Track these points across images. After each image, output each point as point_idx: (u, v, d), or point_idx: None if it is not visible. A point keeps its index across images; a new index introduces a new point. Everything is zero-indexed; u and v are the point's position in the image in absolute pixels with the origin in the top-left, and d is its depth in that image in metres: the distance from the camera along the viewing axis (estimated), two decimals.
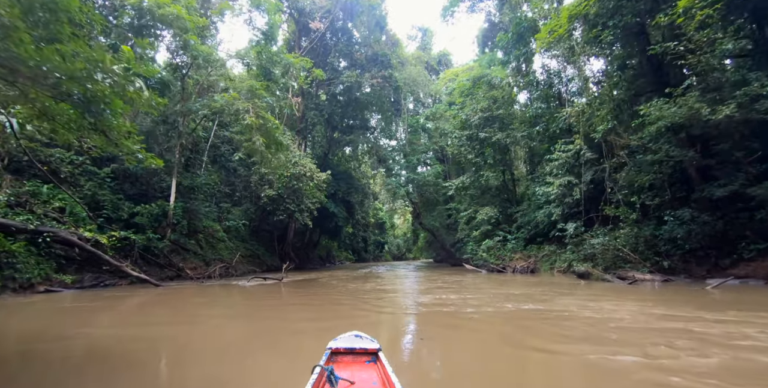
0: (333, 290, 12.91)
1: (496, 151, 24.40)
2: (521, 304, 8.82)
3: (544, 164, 22.41)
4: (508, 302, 9.19)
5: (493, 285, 13.97)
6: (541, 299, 9.61)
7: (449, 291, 12.19)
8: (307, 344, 5.50)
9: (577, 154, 16.18)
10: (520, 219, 22.93)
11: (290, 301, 10.67)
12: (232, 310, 9.54)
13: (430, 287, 13.90)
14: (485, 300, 9.72)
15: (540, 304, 8.75)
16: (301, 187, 24.51)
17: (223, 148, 26.86)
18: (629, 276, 11.85)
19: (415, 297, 11.05)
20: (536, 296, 10.42)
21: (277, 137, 16.63)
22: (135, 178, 18.58)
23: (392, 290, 13.72)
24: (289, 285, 15.16)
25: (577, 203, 16.06)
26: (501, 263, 19.82)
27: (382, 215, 74.79)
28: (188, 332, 6.72)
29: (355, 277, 21.15)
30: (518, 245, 21.02)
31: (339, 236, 40.23)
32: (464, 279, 16.93)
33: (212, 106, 16.51)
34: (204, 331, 6.85)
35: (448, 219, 35.02)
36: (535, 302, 9.16)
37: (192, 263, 18.30)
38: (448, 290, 12.71)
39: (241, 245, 26.10)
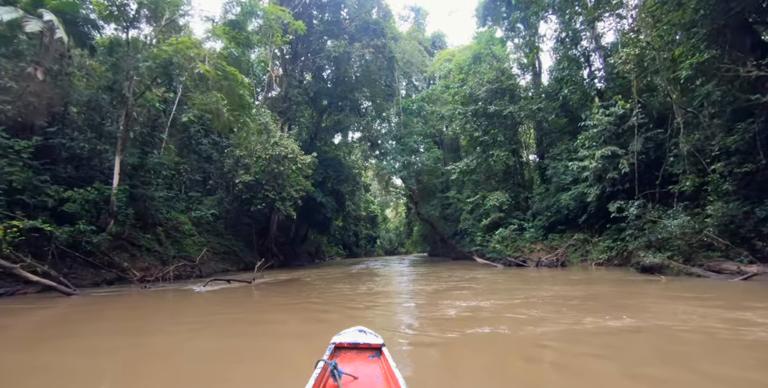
0: (315, 297, 9.64)
1: (506, 127, 21.26)
2: (603, 316, 5.66)
3: (562, 143, 19.37)
4: (575, 313, 6.03)
5: (525, 284, 10.83)
6: (623, 306, 6.46)
7: (471, 294, 9.03)
8: None
9: (622, 118, 13.04)
10: (536, 205, 19.88)
11: (242, 319, 7.16)
12: (126, 340, 6.21)
13: (443, 287, 10.72)
14: (536, 310, 6.55)
15: (633, 315, 5.59)
16: (283, 172, 21.10)
17: (192, 129, 23.25)
18: (726, 268, 8.80)
19: (428, 306, 7.84)
20: (609, 300, 7.28)
21: (243, 97, 13.17)
22: (71, 156, 15.01)
23: (393, 293, 10.50)
24: (261, 289, 11.83)
25: (623, 179, 12.98)
26: (520, 256, 16.74)
27: (374, 207, 71.52)
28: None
29: (346, 275, 17.89)
30: (537, 234, 17.96)
31: (328, 229, 36.88)
32: (480, 276, 13.80)
33: (156, 55, 12.93)
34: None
35: (447, 209, 31.90)
36: (618, 310, 6.00)
37: (144, 261, 14.83)
38: (467, 291, 9.54)
39: (214, 240, 22.62)
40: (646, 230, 11.04)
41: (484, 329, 5.32)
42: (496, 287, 10.37)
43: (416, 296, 9.32)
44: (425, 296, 9.11)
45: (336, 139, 40.35)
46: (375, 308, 7.71)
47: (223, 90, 12.48)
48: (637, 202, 11.60)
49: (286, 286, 12.78)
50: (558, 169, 17.94)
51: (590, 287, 9.14)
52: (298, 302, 8.89)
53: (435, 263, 26.04)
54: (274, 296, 10.21)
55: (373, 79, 31.92)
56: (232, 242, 24.56)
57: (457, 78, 30.05)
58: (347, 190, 34.22)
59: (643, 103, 12.79)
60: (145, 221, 16.95)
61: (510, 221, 19.66)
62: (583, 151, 14.26)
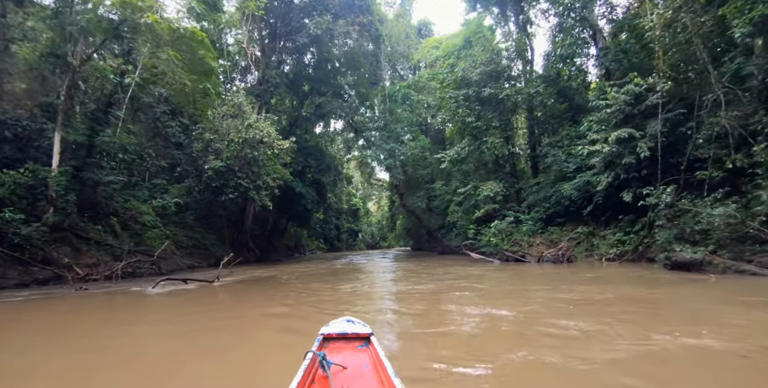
0: (286, 301, 7.92)
1: (501, 113, 19.84)
2: (670, 332, 4.19)
3: (563, 129, 18.09)
4: (629, 326, 4.57)
5: (537, 283, 9.41)
6: (686, 316, 5.04)
7: (477, 297, 7.55)
8: None
9: (637, 97, 11.68)
10: (533, 196, 18.58)
11: (169, 339, 5.19)
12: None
13: (441, 287, 9.20)
14: (574, 321, 5.06)
15: (714, 329, 4.15)
16: (258, 157, 19.11)
17: (158, 109, 20.91)
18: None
19: (433, 315, 6.29)
20: (659, 307, 5.88)
21: (205, 60, 11.20)
22: (14, 136, 12.74)
23: (384, 296, 8.91)
24: (223, 291, 10.02)
25: (639, 165, 11.67)
26: (518, 250, 15.39)
27: (356, 200, 69.69)
28: None
29: (326, 272, 16.22)
30: (535, 227, 16.67)
31: (308, 222, 34.95)
32: (479, 273, 12.37)
33: (98, 1, 10.76)
34: None
35: (434, 201, 30.47)
36: (684, 321, 4.56)
37: (92, 257, 12.75)
38: (471, 293, 8.05)
39: (181, 232, 20.53)
40: (676, 221, 9.73)
41: (522, 355, 3.77)
42: (505, 288, 8.91)
43: (413, 299, 7.75)
44: (424, 301, 7.55)
45: (317, 129, 38.35)
46: (364, 318, 6.10)
47: (181, 52, 10.48)
48: (668, 188, 10.26)
49: (255, 286, 11.01)
50: (558, 157, 16.64)
51: (619, 287, 7.76)
52: (262, 310, 7.17)
53: (422, 258, 24.61)
54: (233, 302, 8.44)
55: (357, 64, 30.00)
56: (203, 235, 22.48)
57: (446, 64, 28.47)
58: (329, 181, 32.33)
59: (673, 75, 11.41)
60: (97, 210, 14.82)
61: (505, 212, 18.32)
62: (592, 135, 12.92)
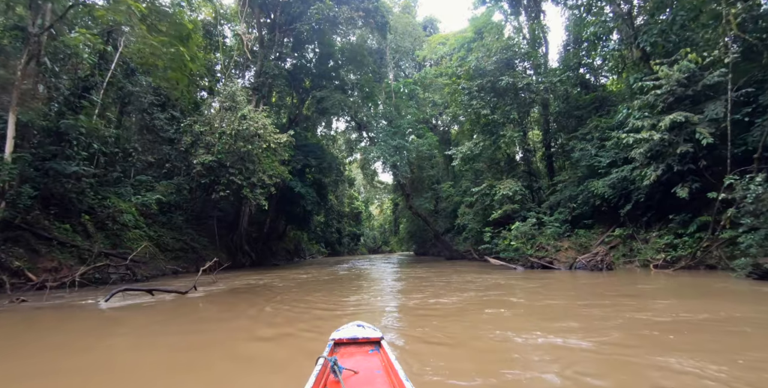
0: (272, 324, 6.07)
1: (519, 104, 18.10)
2: None
3: (591, 120, 16.28)
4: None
5: (590, 298, 7.54)
6: None
7: (524, 317, 5.78)
8: None
9: (690, 77, 9.85)
10: (555, 196, 16.76)
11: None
12: None
13: (468, 301, 7.36)
14: (700, 364, 3.23)
15: None
16: (252, 152, 17.34)
17: (145, 99, 19.22)
18: None
19: (474, 351, 4.46)
20: None
21: (178, 24, 9.46)
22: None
23: (398, 313, 7.07)
24: (197, 304, 8.16)
25: (697, 154, 9.83)
26: (545, 256, 13.54)
27: (357, 204, 67.83)
28: None
29: (328, 279, 14.38)
30: (561, 229, 14.83)
31: (308, 225, 33.10)
32: (504, 282, 10.52)
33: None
34: None
35: (442, 202, 28.65)
36: None
37: (53, 260, 10.95)
38: (512, 312, 6.24)
39: (168, 234, 18.72)
40: (762, 219, 7.84)
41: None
42: (548, 302, 7.05)
43: (436, 319, 5.91)
44: (452, 321, 5.71)
45: (319, 131, 36.67)
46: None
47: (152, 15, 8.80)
48: (757, 177, 8.38)
49: (241, 298, 9.15)
50: (587, 151, 14.84)
51: (711, 304, 5.91)
52: (240, 334, 5.33)
53: (430, 264, 22.74)
54: (204, 322, 6.55)
55: (361, 59, 28.37)
56: (193, 237, 20.67)
57: (455, 57, 26.86)
58: (330, 181, 30.53)
59: (746, 39, 9.55)
60: (66, 207, 13.05)
61: (525, 214, 16.50)
62: (636, 122, 11.14)
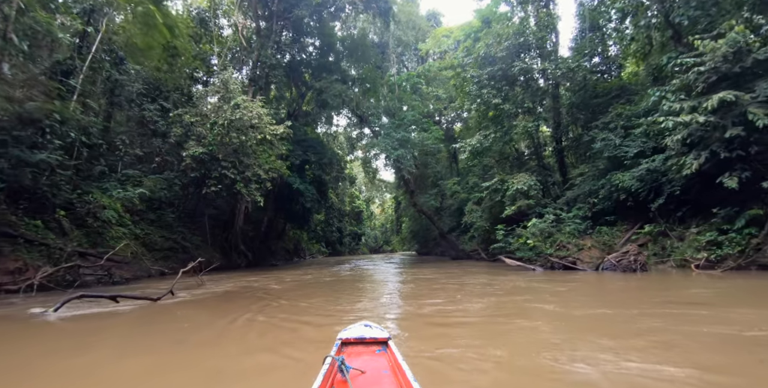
0: (258, 346, 4.85)
1: (533, 93, 16.88)
2: None
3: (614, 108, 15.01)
4: None
5: (642, 305, 6.27)
6: None
7: (577, 336, 4.59)
8: None
9: (736, 53, 8.60)
10: (572, 190, 15.53)
11: None
12: None
13: (493, 310, 6.15)
14: None
15: None
16: (245, 143, 16.13)
17: (133, 88, 18.00)
18: None
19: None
20: None
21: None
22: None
23: (414, 330, 5.85)
24: (170, 314, 6.89)
25: (746, 140, 8.56)
26: (568, 255, 12.29)
27: (359, 202, 66.59)
28: None
29: (329, 280, 13.16)
30: (581, 226, 13.60)
31: (308, 223, 31.85)
32: (525, 284, 9.30)
33: None
34: None
35: (448, 199, 27.40)
36: None
37: (18, 260, 9.74)
38: (556, 326, 5.04)
39: (156, 232, 17.50)
40: None
41: None
42: (595, 314, 5.80)
43: (466, 336, 4.68)
44: (489, 338, 4.48)
45: (320, 129, 35.47)
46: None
47: None
48: None
49: (224, 306, 7.90)
50: (611, 141, 13.59)
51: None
52: (213, 363, 4.09)
53: (435, 264, 21.52)
54: (170, 343, 5.28)
55: (362, 50, 27.19)
56: (184, 236, 19.43)
57: (462, 47, 25.65)
58: (330, 178, 29.29)
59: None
60: (40, 202, 11.85)
61: (541, 210, 15.27)
62: (673, 105, 9.90)
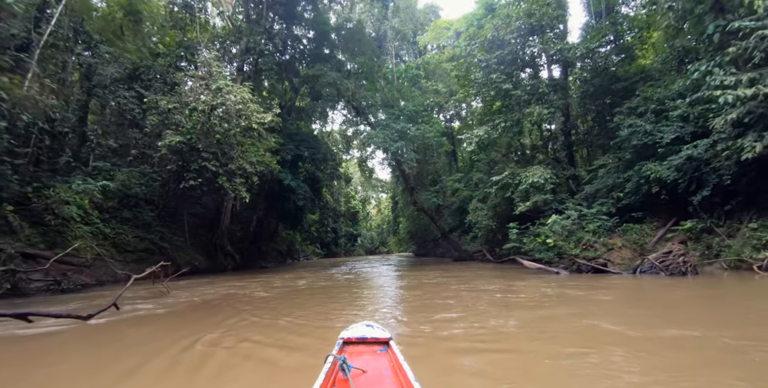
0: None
1: (549, 76, 15.33)
2: None
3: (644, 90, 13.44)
4: None
5: (741, 322, 4.67)
6: None
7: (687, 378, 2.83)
8: None
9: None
10: (593, 184, 13.97)
11: None
12: None
13: (530, 330, 4.55)
14: None
15: None
16: (229, 132, 14.43)
17: (106, 71, 16.24)
18: None
19: None
20: None
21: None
22: None
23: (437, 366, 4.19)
24: (96, 343, 5.16)
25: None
26: (597, 256, 10.69)
27: (354, 203, 64.79)
28: None
29: (323, 286, 11.47)
30: (608, 223, 12.02)
31: (301, 223, 30.10)
32: (553, 290, 7.70)
33: None
34: None
35: (448, 198, 25.80)
36: None
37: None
38: (640, 357, 3.38)
39: (130, 231, 15.71)
40: None
41: None
42: (690, 339, 4.19)
43: (515, 382, 3.05)
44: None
45: (314, 127, 33.82)
46: None
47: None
48: None
49: (181, 322, 6.18)
50: (640, 127, 12.04)
51: None
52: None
53: (437, 266, 19.89)
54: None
55: (359, 39, 25.61)
56: (163, 236, 17.65)
57: (464, 36, 24.13)
58: (325, 174, 27.58)
59: None
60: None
61: (557, 206, 13.71)
62: (725, 79, 8.39)
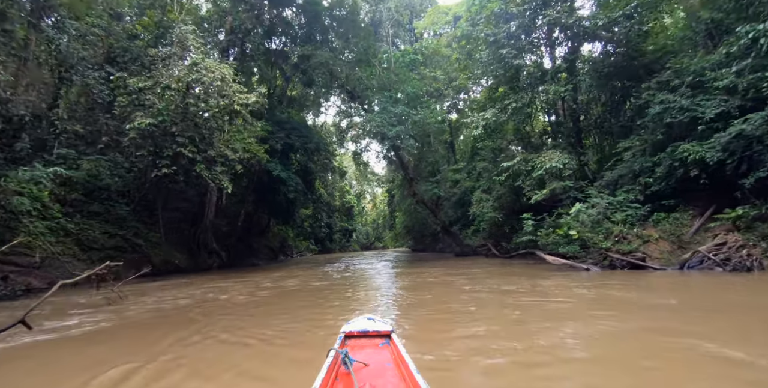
0: None
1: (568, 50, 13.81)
2: None
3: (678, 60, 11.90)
4: None
5: None
6: None
7: None
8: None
9: None
10: (619, 169, 12.49)
11: None
12: None
13: (627, 353, 3.02)
14: None
15: None
16: (207, 112, 12.72)
17: (69, 47, 14.37)
18: None
19: None
20: None
21: None
22: None
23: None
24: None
25: None
26: (634, 250, 9.23)
27: (349, 197, 63.08)
28: None
29: (315, 286, 9.88)
30: (641, 211, 10.58)
31: (293, 217, 28.40)
32: (597, 293, 6.24)
33: None
34: None
35: (448, 190, 24.30)
36: None
37: None
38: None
39: (98, 227, 14.00)
40: None
41: None
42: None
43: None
44: None
45: (309, 119, 32.06)
46: None
47: None
48: None
49: (84, 351, 4.58)
50: (675, 104, 10.57)
51: None
52: None
53: (439, 262, 18.42)
54: None
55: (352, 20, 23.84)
56: (138, 232, 15.91)
57: (465, 17, 22.51)
58: (318, 165, 25.91)
59: None
60: None
61: (577, 194, 12.25)
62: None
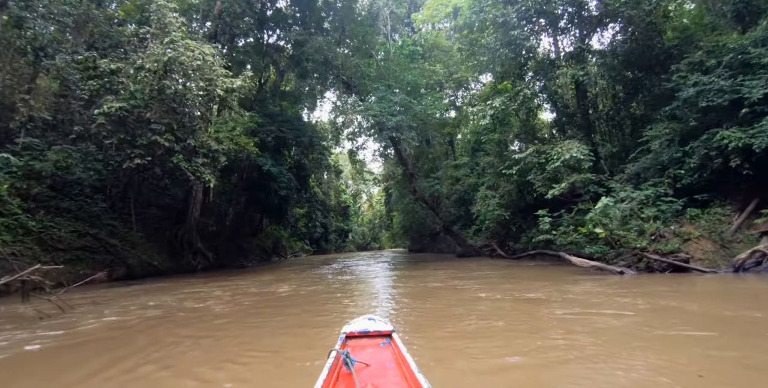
0: None
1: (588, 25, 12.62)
2: None
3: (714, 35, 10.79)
4: None
5: None
6: None
7: None
8: None
9: None
10: (641, 161, 11.29)
11: None
12: None
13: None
14: None
15: None
16: (185, 95, 11.38)
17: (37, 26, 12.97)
18: None
19: None
20: None
21: None
22: None
23: None
24: None
25: None
26: (675, 250, 8.03)
27: (345, 197, 61.68)
28: None
29: (300, 299, 8.56)
30: (675, 206, 9.38)
31: (285, 216, 27.01)
32: (651, 304, 5.04)
33: None
34: None
35: (450, 187, 23.05)
36: None
37: None
38: None
39: (66, 225, 12.59)
40: None
41: None
42: None
43: None
44: None
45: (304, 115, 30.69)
46: None
47: None
48: None
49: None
50: (711, 85, 9.39)
51: None
52: None
53: (441, 263, 17.17)
54: None
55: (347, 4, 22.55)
56: (112, 231, 14.47)
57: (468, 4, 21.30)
58: (312, 160, 24.54)
59: None
60: None
61: (597, 189, 11.04)
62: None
